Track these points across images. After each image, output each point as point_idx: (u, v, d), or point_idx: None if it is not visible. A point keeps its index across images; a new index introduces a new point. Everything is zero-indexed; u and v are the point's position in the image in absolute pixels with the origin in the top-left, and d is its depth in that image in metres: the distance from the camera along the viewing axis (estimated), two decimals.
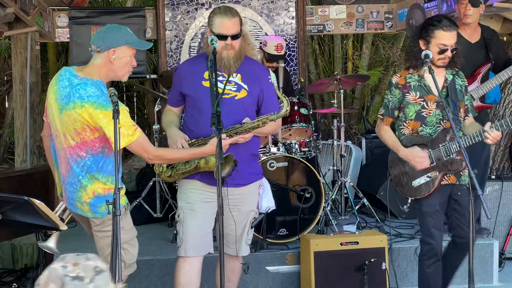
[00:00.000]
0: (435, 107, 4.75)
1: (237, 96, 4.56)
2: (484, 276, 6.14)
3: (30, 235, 6.17)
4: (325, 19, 8.93)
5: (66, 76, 4.13)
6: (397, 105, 4.83)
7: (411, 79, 4.81)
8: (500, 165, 8.05)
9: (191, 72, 4.60)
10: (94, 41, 4.17)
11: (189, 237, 4.53)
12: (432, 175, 4.72)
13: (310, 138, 6.78)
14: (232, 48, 4.50)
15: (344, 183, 7.06)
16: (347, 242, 5.55)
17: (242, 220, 4.65)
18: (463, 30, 6.20)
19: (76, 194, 4.17)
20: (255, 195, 4.76)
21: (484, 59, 6.17)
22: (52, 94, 4.17)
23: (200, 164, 4.43)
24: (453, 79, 4.83)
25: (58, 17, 8.40)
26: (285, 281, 5.93)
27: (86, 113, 3.98)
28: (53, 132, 4.23)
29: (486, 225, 6.60)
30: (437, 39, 4.67)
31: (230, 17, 4.48)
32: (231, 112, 4.45)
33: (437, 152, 4.70)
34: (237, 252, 4.67)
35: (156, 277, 5.79)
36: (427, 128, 4.77)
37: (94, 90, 4.02)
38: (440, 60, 4.72)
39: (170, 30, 8.49)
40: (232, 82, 4.55)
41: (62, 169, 4.23)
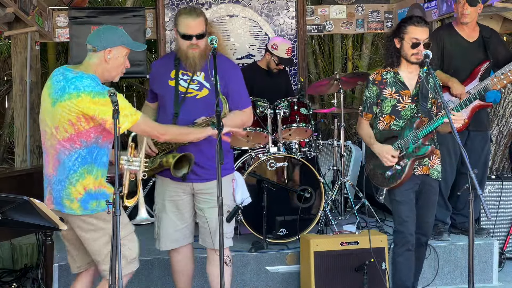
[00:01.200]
0: (410, 102, 4.98)
1: (198, 95, 4.67)
2: (484, 276, 6.14)
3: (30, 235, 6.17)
4: (325, 19, 8.93)
5: (60, 72, 4.18)
6: (375, 101, 5.05)
7: (387, 76, 5.04)
8: (500, 165, 8.05)
9: (160, 71, 4.76)
10: (90, 41, 4.22)
11: (163, 233, 4.82)
12: (403, 163, 4.88)
13: (310, 138, 6.78)
14: (197, 47, 4.62)
15: (344, 183, 7.07)
16: (347, 242, 5.56)
17: (213, 214, 4.55)
18: (461, 29, 6.21)
19: (65, 191, 4.15)
20: (226, 189, 4.72)
21: (483, 58, 6.17)
22: (45, 90, 4.20)
23: (163, 162, 4.60)
24: (427, 76, 4.99)
25: (58, 17, 8.40)
26: (285, 281, 5.93)
27: (83, 102, 4.01)
28: (42, 129, 4.25)
29: (486, 225, 6.60)
30: (409, 34, 4.89)
31: (195, 17, 4.60)
32: (191, 111, 4.59)
33: (406, 141, 4.88)
34: (214, 245, 4.68)
35: (156, 277, 5.79)
36: (400, 122, 4.99)
37: (89, 82, 4.06)
38: (413, 56, 4.91)
39: (170, 30, 8.48)
40: (195, 81, 4.68)
41: (49, 169, 4.22)
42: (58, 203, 4.19)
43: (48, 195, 4.25)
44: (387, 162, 4.90)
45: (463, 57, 6.15)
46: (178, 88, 4.65)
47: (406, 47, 4.91)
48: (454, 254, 6.13)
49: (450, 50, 6.17)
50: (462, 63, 6.15)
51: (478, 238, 6.20)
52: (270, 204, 5.90)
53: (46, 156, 4.25)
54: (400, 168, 4.88)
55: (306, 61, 9.06)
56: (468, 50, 6.17)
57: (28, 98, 7.70)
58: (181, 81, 4.68)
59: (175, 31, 4.67)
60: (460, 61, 6.15)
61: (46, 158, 4.25)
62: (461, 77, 6.10)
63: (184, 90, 4.64)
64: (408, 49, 4.90)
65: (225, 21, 8.57)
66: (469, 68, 6.15)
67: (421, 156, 4.89)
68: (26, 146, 7.69)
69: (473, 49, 6.18)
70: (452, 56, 6.17)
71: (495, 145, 7.97)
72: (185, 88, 4.64)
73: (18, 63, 7.83)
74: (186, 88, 4.64)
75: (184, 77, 4.67)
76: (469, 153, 4.39)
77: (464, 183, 4.20)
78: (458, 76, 6.09)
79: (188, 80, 4.64)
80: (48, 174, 4.25)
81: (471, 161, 4.36)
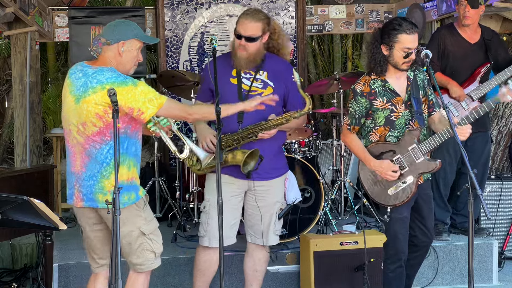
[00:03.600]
0: (403, 108, 4.69)
1: (263, 93, 4.75)
2: (483, 276, 6.14)
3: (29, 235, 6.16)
4: (325, 18, 8.93)
5: (78, 69, 4.23)
6: (364, 114, 4.72)
7: (375, 85, 4.70)
8: (500, 165, 8.04)
9: (220, 69, 4.72)
10: (104, 35, 4.29)
11: (213, 229, 4.74)
12: (408, 180, 4.66)
13: (310, 138, 6.78)
14: (244, 49, 4.72)
15: (343, 183, 7.06)
16: (346, 242, 5.55)
17: (268, 211, 4.87)
18: (462, 31, 6.20)
19: (98, 186, 4.16)
20: (281, 187, 4.98)
21: (484, 60, 6.16)
22: (66, 88, 4.25)
23: (228, 159, 4.66)
24: (414, 75, 4.76)
25: (57, 16, 8.39)
26: (284, 281, 5.93)
27: None
28: (66, 128, 4.26)
29: (485, 225, 6.60)
30: (401, 43, 4.56)
31: (251, 20, 4.70)
32: (257, 109, 4.58)
33: (408, 156, 4.65)
34: (264, 242, 4.91)
35: (156, 277, 5.79)
36: (395, 132, 4.69)
37: (111, 73, 4.15)
38: (404, 64, 4.62)
39: (170, 30, 8.49)
40: (258, 80, 4.78)
41: (76, 167, 4.22)
42: (89, 199, 4.19)
43: (76, 193, 4.23)
44: (389, 178, 4.66)
45: (463, 59, 6.14)
46: (241, 86, 4.74)
47: (397, 56, 4.58)
48: (454, 254, 6.13)
49: (451, 50, 6.16)
50: (462, 65, 6.15)
51: (478, 238, 6.20)
52: None
53: (71, 155, 4.25)
54: (407, 185, 4.66)
55: (305, 61, 9.06)
56: (469, 51, 6.16)
57: (28, 98, 7.69)
58: (244, 79, 4.78)
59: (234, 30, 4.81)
60: (461, 63, 6.14)
61: (72, 156, 4.25)
62: (461, 78, 6.09)
63: (247, 88, 4.75)
64: (400, 59, 4.58)
65: (224, 21, 8.57)
66: (469, 70, 6.14)
67: (428, 172, 4.71)
68: (26, 146, 7.68)
69: (474, 50, 6.17)
70: (453, 57, 6.16)
71: (495, 145, 7.97)
72: (248, 86, 4.74)
73: (17, 63, 7.82)
74: (249, 86, 4.73)
75: (247, 76, 4.77)
76: (469, 153, 4.39)
77: (464, 183, 4.19)
78: (458, 77, 6.09)
79: (251, 78, 4.74)
80: (75, 172, 4.24)
81: (471, 161, 4.36)
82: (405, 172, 4.66)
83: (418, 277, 5.99)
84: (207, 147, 4.71)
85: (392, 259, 4.82)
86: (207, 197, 4.88)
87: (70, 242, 6.23)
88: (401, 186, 4.68)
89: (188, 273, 5.64)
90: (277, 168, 4.93)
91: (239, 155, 4.65)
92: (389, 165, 4.66)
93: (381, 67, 4.66)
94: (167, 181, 7.44)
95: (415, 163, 4.64)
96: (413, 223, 4.86)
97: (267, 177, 4.84)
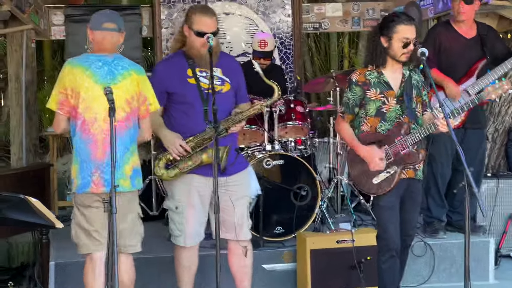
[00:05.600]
0: (395, 103, 4.81)
1: (223, 89, 4.81)
2: (480, 273, 6.14)
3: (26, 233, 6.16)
4: (321, 16, 8.93)
5: (91, 60, 4.45)
6: (358, 103, 4.85)
7: (370, 76, 4.84)
8: (496, 163, 8.05)
9: (171, 71, 4.78)
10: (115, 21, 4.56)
11: (189, 228, 4.81)
12: (392, 170, 4.77)
13: (306, 136, 6.78)
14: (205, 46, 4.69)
15: (340, 181, 7.07)
16: (343, 240, 5.55)
17: (242, 204, 4.89)
18: (458, 27, 6.20)
19: (120, 171, 4.40)
20: (248, 180, 5.03)
21: (480, 55, 6.16)
22: (87, 79, 4.38)
23: (203, 159, 4.66)
24: (410, 74, 4.87)
25: (53, 15, 8.39)
26: (281, 279, 5.93)
27: (134, 80, 4.47)
28: (89, 117, 4.39)
29: (482, 223, 6.60)
30: (399, 33, 4.72)
31: (211, 16, 4.76)
32: (221, 105, 4.60)
33: (394, 147, 4.76)
34: (237, 236, 4.90)
35: (152, 275, 5.79)
36: (385, 124, 4.81)
37: (128, 61, 4.57)
38: (403, 55, 4.76)
39: (166, 28, 8.49)
40: (215, 77, 4.75)
41: (97, 154, 4.39)
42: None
43: (96, 180, 4.40)
44: (375, 166, 4.77)
45: (460, 54, 6.14)
46: (199, 85, 4.73)
47: (396, 46, 4.73)
48: (450, 252, 6.14)
49: (447, 47, 6.16)
50: (459, 61, 6.15)
51: (474, 236, 6.19)
52: (266, 202, 5.90)
53: (91, 144, 4.40)
54: (390, 175, 4.78)
55: (302, 59, 9.06)
56: (466, 47, 6.17)
57: (24, 96, 7.69)
58: (201, 78, 4.77)
59: (186, 28, 4.75)
60: (457, 58, 6.14)
61: (93, 145, 4.40)
62: (458, 74, 6.09)
63: (206, 86, 4.71)
64: (399, 49, 4.72)
65: (221, 19, 8.55)
66: (466, 66, 6.14)
67: (411, 164, 4.81)
68: (22, 144, 7.68)
69: (470, 46, 6.17)
70: (449, 53, 6.16)
71: (491, 143, 7.97)
72: (206, 85, 4.71)
73: (13, 61, 7.82)
74: (208, 84, 4.69)
75: (203, 74, 4.76)
76: (465, 151, 4.38)
77: (460, 181, 4.21)
78: (455, 73, 6.09)
79: (207, 76, 4.71)
80: (96, 159, 4.40)
81: (468, 159, 4.35)
82: (390, 162, 4.77)
83: (414, 275, 6.02)
84: (178, 152, 4.68)
85: (383, 249, 4.88)
86: (177, 197, 4.83)
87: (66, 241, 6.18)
88: (385, 175, 4.78)
89: None
90: (242, 162, 4.98)
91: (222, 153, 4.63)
92: (376, 151, 4.77)
93: (382, 59, 4.81)
94: None
95: (401, 154, 4.75)
96: None
97: (237, 171, 4.84)
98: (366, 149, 4.79)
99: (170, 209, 4.89)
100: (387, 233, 4.83)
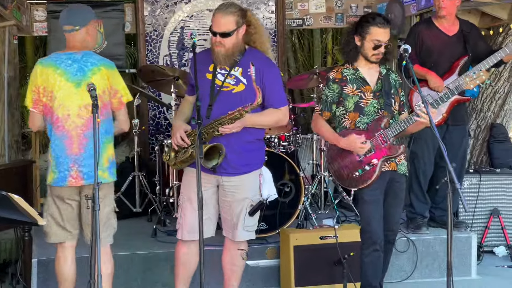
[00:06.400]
0: (372, 97, 4.92)
1: (234, 89, 4.73)
2: (462, 269, 6.18)
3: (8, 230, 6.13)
4: (305, 13, 8.93)
5: (62, 59, 4.59)
6: (335, 100, 4.97)
7: (347, 73, 4.97)
8: (478, 159, 8.10)
9: (199, 64, 4.71)
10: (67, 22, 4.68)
11: (186, 223, 4.80)
12: (373, 162, 4.84)
13: (290, 132, 6.79)
14: (221, 45, 4.68)
15: (323, 177, 7.08)
16: (326, 236, 5.57)
17: (237, 207, 4.82)
18: (440, 24, 6.23)
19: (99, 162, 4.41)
20: (253, 184, 4.86)
21: (462, 52, 6.19)
22: (58, 78, 4.52)
23: (194, 153, 4.59)
24: (387, 73, 5.00)
25: (36, 11, 8.34)
26: (265, 275, 5.93)
27: (104, 74, 4.57)
28: (62, 115, 4.52)
29: (464, 218, 6.64)
30: (372, 35, 4.84)
31: (223, 15, 4.67)
32: (226, 104, 4.62)
33: (374, 140, 4.84)
34: (233, 237, 4.89)
35: (136, 272, 5.78)
36: (364, 118, 4.91)
37: (96, 56, 4.66)
38: (374, 56, 4.90)
39: (150, 24, 8.46)
40: (232, 76, 4.73)
41: (74, 149, 4.55)
42: (90, 176, 4.52)
43: (74, 173, 4.55)
44: (360, 151, 4.81)
45: (442, 51, 6.17)
46: (214, 81, 4.71)
47: (367, 47, 4.87)
48: (433, 248, 6.17)
49: (429, 44, 6.19)
50: (441, 57, 6.17)
51: (457, 232, 6.23)
52: None
53: (67, 139, 4.55)
54: (370, 168, 4.84)
55: (285, 55, 9.07)
56: (447, 44, 6.19)
57: (6, 93, 7.64)
58: (219, 75, 4.74)
59: None
60: (439, 55, 6.17)
61: (68, 141, 4.55)
62: (440, 71, 6.12)
63: (220, 83, 4.71)
64: (369, 50, 4.87)
65: (204, 16, 8.55)
66: (448, 62, 6.16)
67: (392, 157, 4.88)
68: (5, 141, 7.63)
69: (452, 43, 6.20)
70: (431, 50, 6.18)
71: (473, 139, 8.02)
72: (221, 82, 4.71)
73: None
74: (222, 82, 4.70)
75: (222, 71, 4.73)
76: (447, 147, 4.41)
77: (443, 177, 4.21)
78: (437, 70, 6.11)
79: (225, 74, 4.70)
80: (72, 154, 4.55)
81: (450, 155, 4.37)
82: (371, 155, 4.84)
83: (397, 270, 6.04)
84: (176, 142, 4.73)
85: (367, 243, 4.92)
86: (181, 191, 4.92)
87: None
88: (365, 168, 4.84)
89: (169, 268, 5.62)
90: (248, 164, 4.83)
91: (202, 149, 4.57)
92: (356, 137, 4.82)
93: (352, 56, 4.96)
94: (147, 175, 7.42)
95: (381, 147, 4.83)
96: None
97: (234, 172, 4.76)
98: (346, 139, 4.85)
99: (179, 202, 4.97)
100: (370, 226, 4.88)
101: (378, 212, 4.90)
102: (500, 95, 8.08)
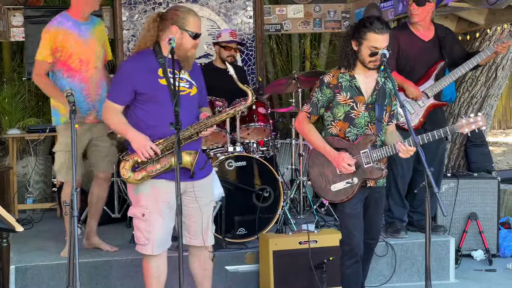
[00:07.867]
0: (364, 109, 4.73)
1: (190, 92, 4.72)
2: (440, 273, 6.21)
3: None
4: (283, 18, 8.96)
5: None
6: (325, 104, 4.77)
7: (342, 79, 4.75)
8: (456, 163, 8.15)
9: (144, 70, 4.60)
10: None
11: (157, 236, 4.66)
12: (352, 181, 4.72)
13: (269, 137, 6.80)
14: (195, 48, 4.73)
15: (302, 182, 7.09)
16: (305, 241, 5.57)
17: (207, 210, 4.82)
18: (415, 29, 6.26)
19: None
20: (211, 185, 4.94)
21: (438, 57, 6.22)
22: None
23: (172, 163, 4.51)
24: (384, 82, 4.80)
25: (13, 16, 8.30)
26: (244, 280, 5.93)
27: None
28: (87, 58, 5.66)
29: (442, 222, 6.67)
30: (369, 41, 4.61)
31: (199, 17, 4.75)
32: (188, 108, 4.59)
33: (358, 159, 4.69)
34: (204, 242, 4.83)
35: (115, 278, 5.75)
36: (354, 129, 4.74)
37: None
38: (371, 63, 4.67)
39: (128, 30, 8.44)
40: (183, 79, 4.68)
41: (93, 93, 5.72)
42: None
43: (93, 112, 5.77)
44: (344, 170, 4.67)
45: (418, 57, 6.19)
46: (171, 87, 4.48)
47: (364, 53, 4.64)
48: (411, 252, 6.19)
49: (405, 49, 6.20)
50: (417, 63, 6.20)
51: (435, 236, 6.26)
52: (228, 203, 5.90)
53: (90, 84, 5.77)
54: (349, 186, 4.73)
55: (264, 60, 9.08)
56: (423, 49, 6.22)
57: None
58: (171, 79, 4.51)
59: (176, 29, 4.60)
60: (415, 61, 6.19)
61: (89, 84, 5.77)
62: (416, 76, 6.15)
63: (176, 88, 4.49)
64: (366, 56, 4.64)
65: None
66: (424, 67, 6.20)
67: (372, 179, 4.75)
68: None
69: (428, 48, 6.23)
70: (407, 56, 6.20)
71: (450, 143, 8.07)
72: (176, 86, 4.47)
73: None
74: (177, 86, 4.46)
75: (170, 75, 4.52)
76: (425, 150, 4.42)
77: (421, 181, 4.23)
78: (413, 75, 6.14)
79: (177, 78, 4.46)
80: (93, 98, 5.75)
81: (427, 159, 4.39)
82: (352, 173, 4.71)
83: (376, 275, 6.06)
84: (148, 155, 4.51)
85: (348, 255, 4.86)
86: (144, 204, 4.63)
87: (27, 244, 6.15)
88: (344, 185, 4.74)
89: None
90: (209, 164, 4.92)
91: (186, 157, 4.51)
92: (346, 156, 4.67)
93: (349, 61, 4.73)
94: None
95: (363, 167, 4.70)
96: None
97: (203, 176, 4.77)
98: (336, 152, 4.70)
99: (136, 217, 4.68)
100: (353, 240, 4.81)
101: (360, 224, 4.83)
102: (477, 99, 8.15)
